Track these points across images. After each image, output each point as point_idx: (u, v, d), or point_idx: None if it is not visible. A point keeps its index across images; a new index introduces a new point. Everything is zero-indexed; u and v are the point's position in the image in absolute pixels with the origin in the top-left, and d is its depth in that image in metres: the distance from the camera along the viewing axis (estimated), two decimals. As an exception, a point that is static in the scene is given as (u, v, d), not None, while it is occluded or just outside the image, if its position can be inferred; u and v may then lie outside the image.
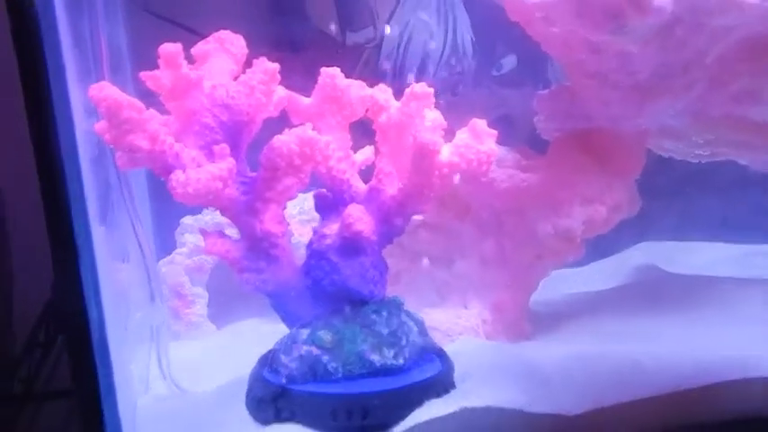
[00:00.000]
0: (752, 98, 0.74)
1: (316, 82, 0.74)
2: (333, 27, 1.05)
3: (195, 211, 0.85)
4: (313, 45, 1.09)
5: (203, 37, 0.71)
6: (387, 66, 1.09)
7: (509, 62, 1.05)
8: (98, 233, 0.53)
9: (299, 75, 0.71)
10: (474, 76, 1.03)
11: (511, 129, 1.04)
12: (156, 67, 0.55)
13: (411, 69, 1.06)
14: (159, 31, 0.64)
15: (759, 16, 0.65)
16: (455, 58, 1.10)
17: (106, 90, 0.52)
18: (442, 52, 1.08)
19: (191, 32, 0.91)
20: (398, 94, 1.07)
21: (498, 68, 1.05)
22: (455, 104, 1.07)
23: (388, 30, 1.08)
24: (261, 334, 0.78)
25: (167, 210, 0.83)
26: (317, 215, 0.67)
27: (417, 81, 1.07)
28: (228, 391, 0.64)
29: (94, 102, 0.51)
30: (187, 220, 0.77)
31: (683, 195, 1.00)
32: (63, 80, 0.49)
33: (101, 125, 0.52)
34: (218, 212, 0.77)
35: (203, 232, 0.60)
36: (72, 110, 0.49)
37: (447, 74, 1.09)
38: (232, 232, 0.62)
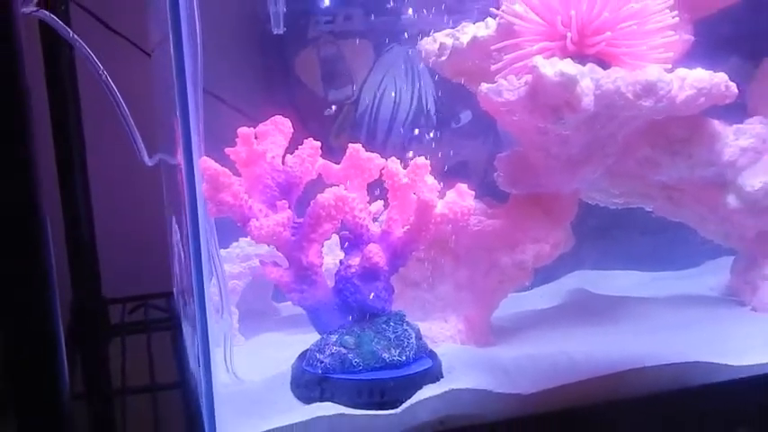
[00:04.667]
0: (650, 164, 0.96)
1: (308, 130, 0.96)
2: (318, 86, 1.22)
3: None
4: (303, 101, 1.23)
5: (240, 110, 0.94)
6: (364, 118, 1.23)
7: (466, 116, 1.22)
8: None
9: (297, 124, 0.88)
10: (436, 128, 1.19)
11: (467, 173, 1.21)
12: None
13: (384, 122, 1.21)
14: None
15: (651, 111, 0.86)
16: (420, 113, 1.21)
17: (209, 163, 0.73)
18: (409, 108, 1.21)
19: (223, 102, 1.11)
20: (373, 140, 1.25)
21: (457, 121, 1.22)
22: (423, 152, 1.28)
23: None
24: (280, 342, 0.96)
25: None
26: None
27: (389, 132, 1.27)
28: (274, 381, 0.81)
29: (202, 170, 0.72)
30: (221, 252, 0.98)
31: (606, 234, 1.14)
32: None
33: (204, 187, 0.73)
34: (244, 246, 0.98)
35: (262, 263, 0.80)
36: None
37: (413, 126, 1.21)
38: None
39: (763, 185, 0.97)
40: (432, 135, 1.18)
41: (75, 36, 0.87)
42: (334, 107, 1.20)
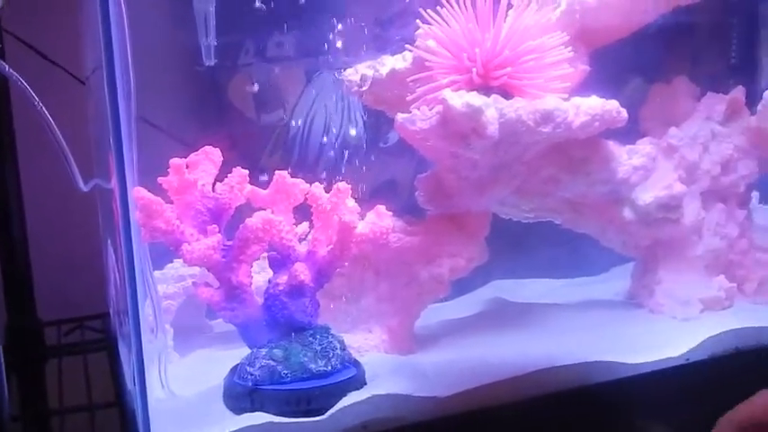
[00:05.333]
0: (554, 182, 1.01)
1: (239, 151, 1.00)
2: (251, 111, 1.24)
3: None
4: (237, 125, 1.25)
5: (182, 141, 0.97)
6: (296, 140, 1.25)
7: (393, 136, 1.22)
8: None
9: (228, 146, 0.92)
10: (365, 148, 1.22)
11: (395, 190, 1.25)
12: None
13: (314, 144, 1.24)
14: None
15: (551, 136, 0.90)
16: (349, 135, 1.24)
17: (142, 192, 0.78)
18: (339, 130, 1.24)
19: (159, 129, 1.13)
20: (304, 161, 1.28)
21: (385, 141, 1.24)
22: (352, 171, 1.21)
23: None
24: (213, 358, 0.99)
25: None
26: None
27: (320, 153, 1.31)
28: (207, 394, 0.85)
29: (135, 199, 0.76)
30: (156, 273, 1.01)
31: (520, 245, 1.18)
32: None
33: (137, 215, 0.77)
34: (178, 267, 1.00)
35: (195, 284, 0.84)
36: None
37: (343, 147, 1.24)
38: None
39: (654, 199, 1.03)
40: (361, 155, 1.22)
41: (11, 70, 0.89)
42: (256, 86, 1.22)
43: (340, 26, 1.16)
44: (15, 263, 1.11)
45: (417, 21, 0.94)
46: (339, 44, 1.17)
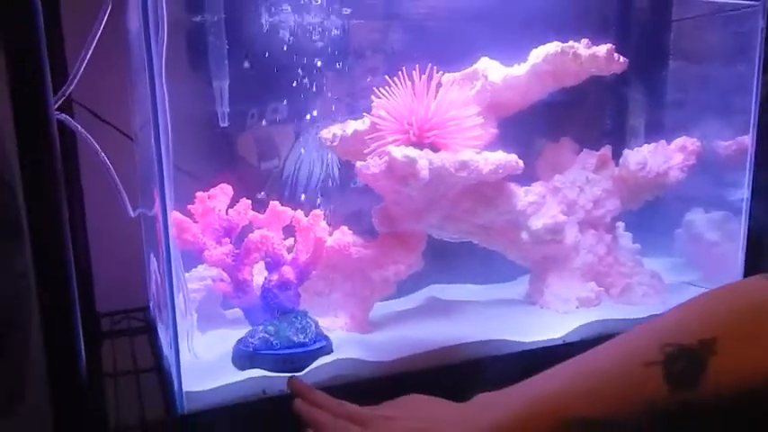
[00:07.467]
0: (471, 212, 1.05)
1: (245, 188, 1.02)
2: (254, 159, 1.27)
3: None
4: (243, 169, 1.28)
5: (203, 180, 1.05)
6: (287, 181, 1.29)
7: (360, 180, 1.14)
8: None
9: (237, 184, 0.98)
10: (339, 188, 1.24)
11: (361, 217, 1.18)
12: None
13: (301, 184, 1.27)
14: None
15: (467, 179, 0.96)
16: (328, 177, 1.25)
17: (176, 215, 0.89)
18: (320, 174, 1.25)
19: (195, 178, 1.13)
20: (294, 196, 1.27)
21: (354, 183, 1.25)
22: (329, 204, 1.21)
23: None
24: (225, 335, 1.00)
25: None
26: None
27: (305, 191, 1.41)
28: (221, 358, 0.90)
29: (173, 220, 0.84)
30: (186, 274, 1.08)
31: (451, 259, 1.21)
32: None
33: (173, 230, 0.85)
34: (201, 270, 1.05)
35: (214, 280, 0.95)
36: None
37: (323, 186, 1.25)
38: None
39: (543, 225, 1.10)
40: (336, 192, 1.24)
41: (81, 128, 0.91)
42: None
43: (321, 98, 1.18)
44: (81, 271, 1.09)
45: (372, 96, 0.99)
46: (318, 111, 1.20)
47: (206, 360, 0.91)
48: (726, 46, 1.34)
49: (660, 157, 1.17)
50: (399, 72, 0.98)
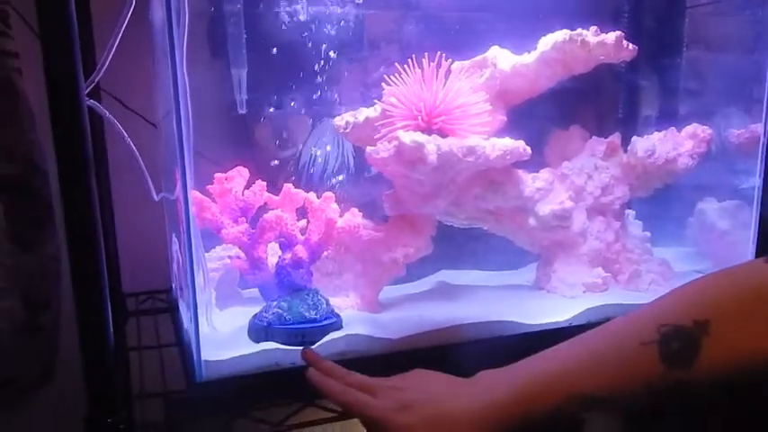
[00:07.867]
0: (480, 198, 1.07)
1: (261, 172, 1.06)
2: (272, 147, 1.28)
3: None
4: (262, 156, 1.27)
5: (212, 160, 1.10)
6: (304, 169, 1.31)
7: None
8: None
9: (254, 168, 1.02)
10: (354, 176, 1.26)
11: (374, 203, 1.20)
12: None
13: (318, 171, 1.28)
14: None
15: (475, 164, 0.98)
16: (343, 166, 1.28)
17: (196, 194, 0.92)
18: (335, 162, 1.27)
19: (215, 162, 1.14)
20: (310, 184, 1.26)
21: (368, 172, 1.27)
22: (344, 192, 1.24)
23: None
24: (241, 311, 1.03)
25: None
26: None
27: (321, 178, 1.43)
28: (237, 331, 0.94)
29: (192, 199, 0.87)
30: (205, 254, 1.13)
31: (463, 245, 1.24)
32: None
33: (193, 209, 0.88)
34: (219, 251, 1.08)
35: (231, 258, 0.98)
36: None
37: (338, 174, 1.27)
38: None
39: (551, 211, 1.10)
40: (351, 178, 1.26)
41: (109, 115, 0.92)
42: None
43: (336, 87, 1.21)
44: (107, 253, 1.03)
45: (383, 84, 1.02)
46: (336, 98, 1.23)
47: (223, 333, 0.94)
48: (740, 33, 1.34)
49: (669, 144, 1.16)
50: (409, 60, 0.99)
